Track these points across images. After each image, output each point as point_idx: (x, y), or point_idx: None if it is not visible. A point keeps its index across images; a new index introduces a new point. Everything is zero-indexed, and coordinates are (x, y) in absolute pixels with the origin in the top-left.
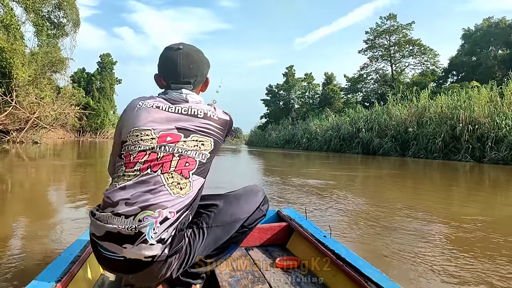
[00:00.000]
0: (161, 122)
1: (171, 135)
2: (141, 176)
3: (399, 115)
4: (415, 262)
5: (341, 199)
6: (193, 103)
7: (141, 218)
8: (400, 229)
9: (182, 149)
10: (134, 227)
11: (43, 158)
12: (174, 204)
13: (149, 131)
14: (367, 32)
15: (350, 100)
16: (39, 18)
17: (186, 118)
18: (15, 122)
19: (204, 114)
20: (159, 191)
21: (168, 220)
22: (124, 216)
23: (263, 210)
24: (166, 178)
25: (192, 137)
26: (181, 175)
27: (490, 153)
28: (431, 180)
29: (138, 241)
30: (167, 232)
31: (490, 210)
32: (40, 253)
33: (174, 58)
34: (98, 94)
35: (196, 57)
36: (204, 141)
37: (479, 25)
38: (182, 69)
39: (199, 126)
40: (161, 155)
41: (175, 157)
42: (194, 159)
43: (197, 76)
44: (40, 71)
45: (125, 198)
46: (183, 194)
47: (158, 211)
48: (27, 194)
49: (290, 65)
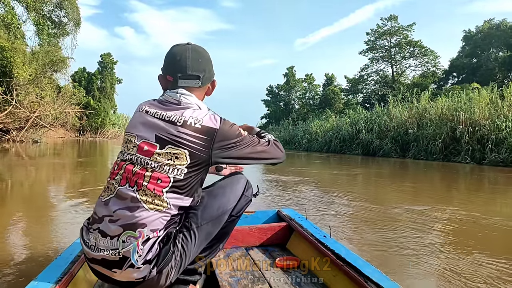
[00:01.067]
0: (145, 128)
1: (148, 145)
2: (120, 190)
3: (400, 117)
4: (413, 259)
5: (336, 194)
6: (183, 107)
7: (124, 239)
8: (397, 224)
9: (155, 163)
10: (118, 252)
11: (43, 157)
12: (153, 221)
13: (134, 138)
14: (368, 33)
15: (351, 101)
16: (40, 17)
17: (165, 125)
18: (15, 121)
19: (183, 122)
20: (137, 208)
21: (150, 239)
22: (109, 237)
23: (248, 195)
24: (141, 194)
25: (167, 148)
26: (153, 193)
27: (490, 155)
28: (431, 182)
29: (125, 266)
30: (151, 252)
31: (490, 212)
32: (40, 253)
33: (183, 51)
34: (98, 94)
35: (204, 53)
36: (178, 153)
37: (480, 27)
38: (191, 62)
39: (175, 135)
40: (136, 169)
41: (147, 172)
42: (168, 175)
43: (205, 71)
44: (41, 70)
45: (108, 215)
46: (161, 210)
47: (139, 231)
48: (27, 194)
49: (290, 66)
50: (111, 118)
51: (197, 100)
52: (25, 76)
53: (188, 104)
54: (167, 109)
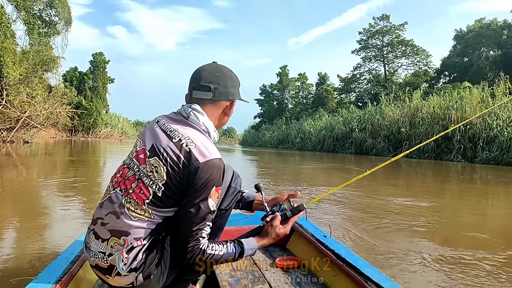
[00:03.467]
0: (149, 136)
1: (143, 153)
2: (112, 193)
3: (392, 115)
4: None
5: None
6: (189, 123)
7: (112, 244)
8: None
9: (141, 172)
10: (106, 260)
11: (35, 156)
12: (136, 229)
13: (139, 142)
14: (360, 33)
15: (344, 100)
16: (30, 16)
17: (163, 137)
18: (5, 121)
19: (178, 139)
20: (121, 214)
21: (134, 248)
22: (101, 239)
23: (235, 186)
24: (126, 201)
25: (153, 159)
26: (136, 202)
27: (481, 153)
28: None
29: (113, 273)
30: (136, 260)
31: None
32: (40, 253)
33: (204, 67)
34: (90, 93)
35: (226, 70)
36: (158, 167)
37: (471, 26)
38: (206, 74)
39: (163, 148)
40: (129, 174)
41: (135, 181)
42: (148, 188)
43: (219, 84)
44: (31, 70)
45: (100, 218)
46: (143, 219)
47: (123, 239)
48: (26, 194)
49: (284, 65)
50: (103, 118)
51: (206, 120)
52: (15, 76)
53: (195, 122)
54: (174, 122)
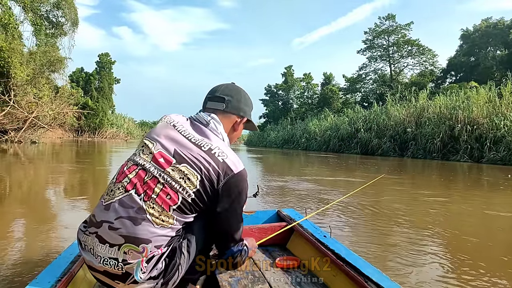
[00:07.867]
0: (166, 139)
1: (165, 157)
2: (125, 196)
3: (398, 116)
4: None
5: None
6: (210, 130)
7: (126, 250)
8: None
9: (167, 177)
10: (120, 267)
11: (42, 157)
12: (158, 237)
13: (152, 144)
14: (366, 32)
15: (349, 100)
16: (38, 18)
17: (189, 144)
18: (13, 122)
19: (208, 148)
20: (142, 220)
21: (154, 257)
22: (109, 244)
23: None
24: (148, 206)
25: (182, 166)
26: (162, 207)
27: (488, 153)
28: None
29: (128, 281)
30: (156, 269)
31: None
32: (40, 253)
33: (222, 83)
34: (96, 94)
35: (241, 90)
36: (190, 175)
37: (478, 26)
38: (223, 88)
39: (194, 157)
40: (148, 177)
41: (159, 184)
42: (177, 193)
43: (233, 97)
44: (38, 71)
45: (108, 221)
46: (166, 226)
47: (142, 247)
48: (26, 194)
49: (289, 65)
50: (109, 118)
51: (223, 130)
52: (22, 77)
53: (215, 130)
54: (195, 129)
